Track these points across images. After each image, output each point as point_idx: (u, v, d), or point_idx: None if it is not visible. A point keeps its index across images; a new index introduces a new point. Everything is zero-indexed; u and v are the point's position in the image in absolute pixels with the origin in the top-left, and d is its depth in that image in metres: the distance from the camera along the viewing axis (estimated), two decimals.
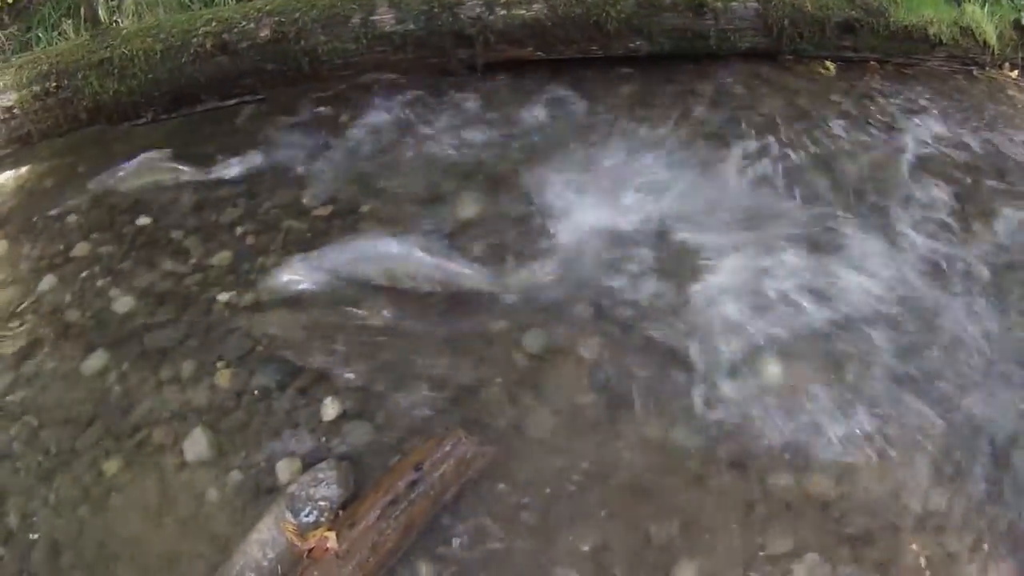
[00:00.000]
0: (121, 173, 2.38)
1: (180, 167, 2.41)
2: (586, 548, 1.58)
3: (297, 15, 2.36)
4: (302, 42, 2.35)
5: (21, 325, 2.20)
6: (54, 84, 2.44)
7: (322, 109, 2.43)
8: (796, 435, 1.73)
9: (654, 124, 2.39)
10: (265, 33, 2.35)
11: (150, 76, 2.40)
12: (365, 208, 2.18)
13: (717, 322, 1.91)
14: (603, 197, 2.20)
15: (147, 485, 1.81)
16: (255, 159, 2.35)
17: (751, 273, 2.01)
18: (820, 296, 1.97)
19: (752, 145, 2.39)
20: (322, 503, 1.64)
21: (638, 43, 2.46)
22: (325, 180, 2.27)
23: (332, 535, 1.56)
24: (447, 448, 1.68)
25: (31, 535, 1.83)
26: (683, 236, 2.09)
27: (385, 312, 1.95)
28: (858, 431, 1.73)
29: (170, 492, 1.78)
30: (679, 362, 1.84)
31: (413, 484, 1.63)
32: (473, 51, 2.38)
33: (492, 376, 1.83)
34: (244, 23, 2.36)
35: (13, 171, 2.60)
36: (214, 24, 2.36)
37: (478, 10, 2.36)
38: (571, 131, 2.38)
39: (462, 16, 2.36)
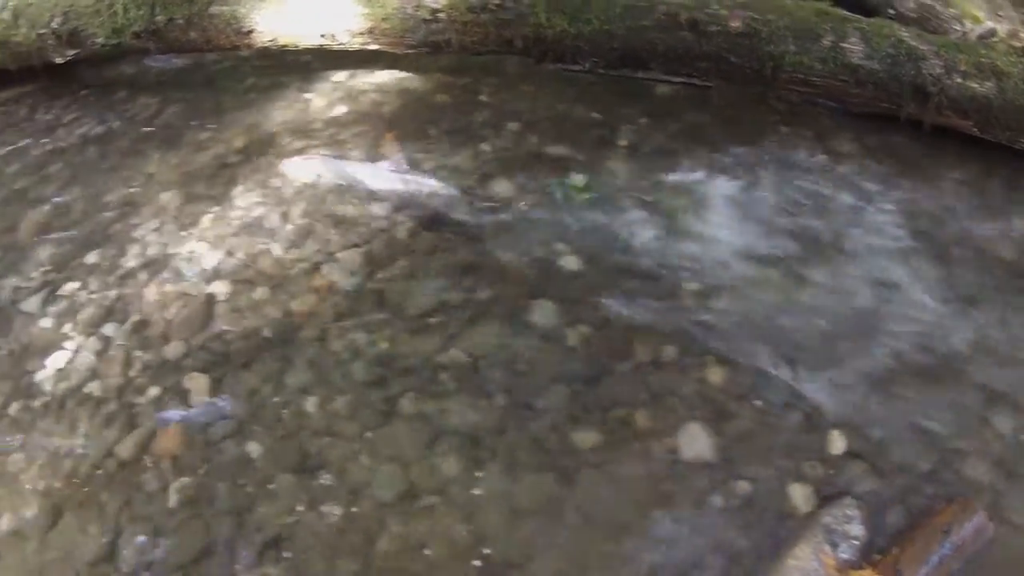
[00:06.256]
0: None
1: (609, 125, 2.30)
2: None
3: (771, 16, 2.27)
4: (772, 46, 2.26)
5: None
6: (496, 2, 2.26)
7: (762, 113, 2.36)
8: None
9: None
10: (736, 24, 2.25)
11: (605, 27, 2.25)
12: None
13: None
14: None
15: (632, 471, 1.70)
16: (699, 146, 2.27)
17: None
18: None
19: None
20: (854, 542, 1.59)
21: None
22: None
23: None
24: (969, 516, 1.67)
25: (473, 490, 1.68)
26: None
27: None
28: None
29: (661, 485, 1.68)
30: None
31: (941, 546, 1.62)
32: (923, 108, 2.36)
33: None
34: (717, 7, 2.25)
35: (411, 73, 2.41)
36: None
37: (938, 70, 2.33)
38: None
39: (924, 71, 2.33)
